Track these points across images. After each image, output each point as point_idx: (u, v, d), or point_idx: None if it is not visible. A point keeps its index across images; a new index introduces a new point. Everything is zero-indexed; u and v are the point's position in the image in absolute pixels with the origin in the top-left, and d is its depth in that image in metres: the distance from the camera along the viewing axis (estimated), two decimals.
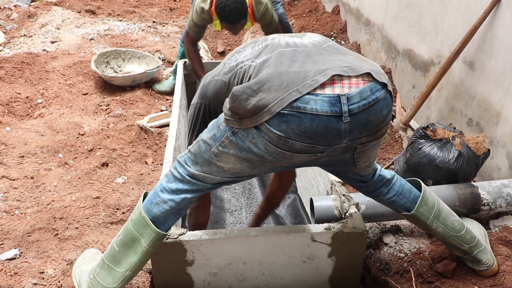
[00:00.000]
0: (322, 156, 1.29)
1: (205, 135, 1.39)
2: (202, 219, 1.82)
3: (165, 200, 1.44)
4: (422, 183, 1.65)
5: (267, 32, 2.89)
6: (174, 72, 3.48)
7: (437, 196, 1.70)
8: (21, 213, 2.10)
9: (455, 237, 1.66)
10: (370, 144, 1.32)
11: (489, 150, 2.13)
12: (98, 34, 4.40)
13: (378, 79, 1.25)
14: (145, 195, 1.54)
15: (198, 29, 2.80)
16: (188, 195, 1.44)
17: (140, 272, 1.79)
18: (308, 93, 1.18)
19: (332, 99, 1.19)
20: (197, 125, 1.63)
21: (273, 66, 1.26)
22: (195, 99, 1.65)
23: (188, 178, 1.43)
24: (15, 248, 1.88)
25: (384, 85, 1.27)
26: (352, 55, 1.32)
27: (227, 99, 1.29)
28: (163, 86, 3.55)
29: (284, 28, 3.28)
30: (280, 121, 1.19)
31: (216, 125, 1.35)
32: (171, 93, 3.43)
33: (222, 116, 1.34)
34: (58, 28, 4.57)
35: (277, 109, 1.18)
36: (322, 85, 1.20)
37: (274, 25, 2.86)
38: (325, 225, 1.65)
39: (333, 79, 1.21)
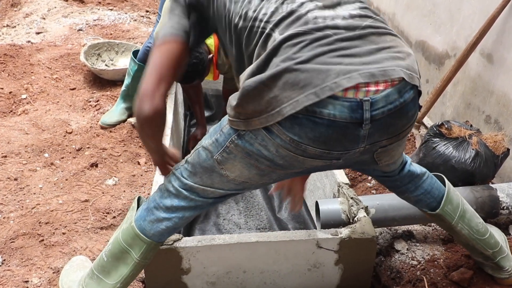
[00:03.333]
0: (337, 162, 1.25)
1: (205, 141, 1.33)
2: None
3: (160, 219, 1.41)
4: (446, 179, 1.63)
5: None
6: (123, 96, 2.94)
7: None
8: (3, 218, 2.10)
9: (479, 241, 1.63)
10: (391, 145, 1.27)
11: (508, 149, 2.13)
12: (86, 24, 4.40)
13: (409, 81, 1.16)
14: (139, 200, 1.53)
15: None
16: (186, 213, 1.40)
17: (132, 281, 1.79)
18: (327, 97, 1.10)
19: (354, 105, 1.11)
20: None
21: (292, 54, 1.14)
22: None
23: (185, 193, 1.37)
24: None
25: (414, 85, 1.19)
26: (389, 47, 1.19)
27: (233, 96, 1.20)
28: (112, 117, 2.89)
29: None
30: (293, 123, 1.12)
31: (219, 129, 1.28)
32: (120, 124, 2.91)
33: (225, 119, 1.27)
34: (44, 18, 4.57)
35: (290, 111, 1.09)
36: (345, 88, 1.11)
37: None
38: (332, 230, 1.65)
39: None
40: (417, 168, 1.56)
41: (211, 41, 2.39)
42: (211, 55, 2.38)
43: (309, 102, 1.08)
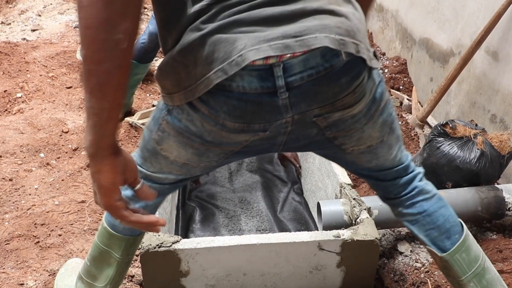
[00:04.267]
0: (269, 136, 1.13)
1: (149, 119, 1.24)
2: None
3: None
4: (464, 225, 1.38)
5: None
6: None
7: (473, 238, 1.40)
8: None
9: None
10: (334, 115, 1.10)
11: None
12: None
13: (337, 48, 0.99)
14: None
15: None
16: (148, 202, 1.33)
17: (130, 284, 1.79)
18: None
19: (263, 73, 0.99)
20: None
21: (200, 24, 1.01)
22: None
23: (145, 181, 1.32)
24: None
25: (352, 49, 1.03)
26: (319, 6, 1.01)
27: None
28: None
29: None
30: (209, 97, 1.03)
31: (157, 103, 1.19)
32: None
33: None
34: (40, 15, 4.57)
35: (204, 90, 1.01)
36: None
37: None
38: (334, 232, 1.65)
39: None
40: (424, 184, 1.36)
41: None
42: None
43: (218, 80, 0.99)
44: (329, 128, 1.13)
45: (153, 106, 3.18)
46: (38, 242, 1.98)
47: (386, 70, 3.57)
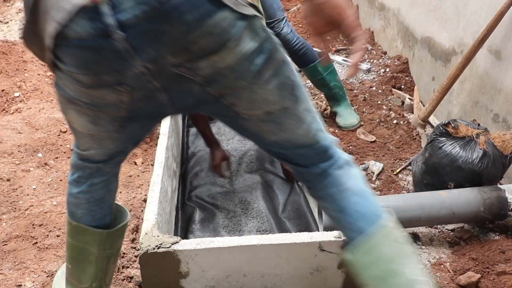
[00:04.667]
0: (140, 94, 1.07)
1: None
2: None
3: (75, 195, 1.37)
4: (390, 218, 1.23)
5: None
6: None
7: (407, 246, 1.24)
8: None
9: None
10: (201, 65, 1.01)
11: None
12: None
13: None
14: None
15: None
16: (94, 180, 1.34)
17: (129, 285, 1.79)
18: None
19: (93, 13, 0.91)
20: None
21: None
22: None
23: (80, 162, 1.32)
24: None
25: None
26: None
27: None
28: None
29: (293, 52, 2.84)
30: (59, 52, 0.99)
31: None
32: None
33: None
34: None
35: (51, 45, 0.97)
36: None
37: None
38: (335, 232, 1.65)
39: None
40: (344, 155, 1.25)
41: None
42: None
43: (54, 31, 0.94)
44: (208, 83, 1.05)
45: None
46: (36, 243, 1.98)
47: (387, 69, 3.57)
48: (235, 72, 1.04)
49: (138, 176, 2.48)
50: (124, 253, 1.93)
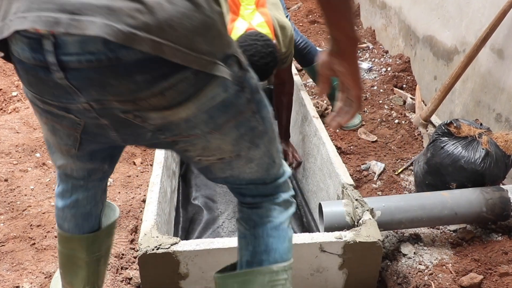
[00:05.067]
0: (88, 123, 0.99)
1: None
2: None
3: (61, 209, 1.36)
4: (289, 266, 1.20)
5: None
6: None
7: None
8: None
9: None
10: (151, 115, 0.93)
11: None
12: None
13: (122, 42, 0.81)
14: None
15: None
16: (79, 195, 1.31)
17: (128, 286, 1.79)
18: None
19: (33, 42, 0.85)
20: None
21: None
22: None
23: (62, 175, 1.30)
24: None
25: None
26: None
27: None
28: None
29: (297, 51, 2.77)
30: (11, 53, 0.93)
31: None
32: None
33: None
34: None
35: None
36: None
37: (287, 64, 2.38)
38: (336, 233, 1.65)
39: None
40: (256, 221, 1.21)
41: (267, 30, 2.12)
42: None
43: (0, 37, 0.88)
44: (161, 130, 0.98)
45: None
46: (34, 243, 1.98)
47: (389, 68, 3.57)
48: (189, 122, 0.96)
49: (137, 176, 2.48)
50: (122, 254, 1.93)
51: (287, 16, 2.78)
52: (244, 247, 1.21)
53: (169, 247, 1.56)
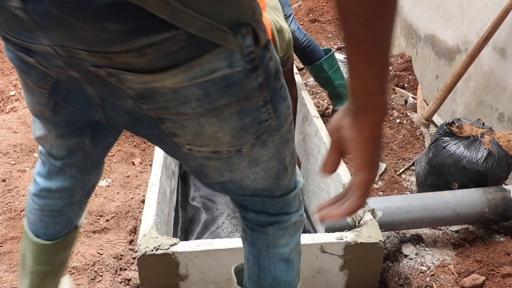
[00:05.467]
0: (58, 73, 0.85)
1: None
2: None
3: (31, 196, 1.20)
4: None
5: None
6: None
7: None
8: None
9: None
10: (127, 76, 0.77)
11: None
12: None
13: None
14: None
15: None
16: (53, 184, 1.16)
17: (127, 287, 1.79)
18: None
19: None
20: None
21: None
22: None
23: (43, 152, 1.16)
24: None
25: None
26: None
27: None
28: None
29: (300, 49, 2.84)
30: None
31: None
32: None
33: None
34: None
35: None
36: None
37: (287, 68, 2.38)
38: (337, 234, 1.65)
39: None
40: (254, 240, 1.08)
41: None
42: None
43: None
44: (144, 99, 0.81)
45: None
46: None
47: (390, 68, 3.56)
48: (177, 94, 0.79)
49: (136, 176, 2.48)
50: (121, 255, 1.93)
51: (290, 14, 2.79)
52: (247, 272, 1.09)
53: (168, 248, 1.56)
